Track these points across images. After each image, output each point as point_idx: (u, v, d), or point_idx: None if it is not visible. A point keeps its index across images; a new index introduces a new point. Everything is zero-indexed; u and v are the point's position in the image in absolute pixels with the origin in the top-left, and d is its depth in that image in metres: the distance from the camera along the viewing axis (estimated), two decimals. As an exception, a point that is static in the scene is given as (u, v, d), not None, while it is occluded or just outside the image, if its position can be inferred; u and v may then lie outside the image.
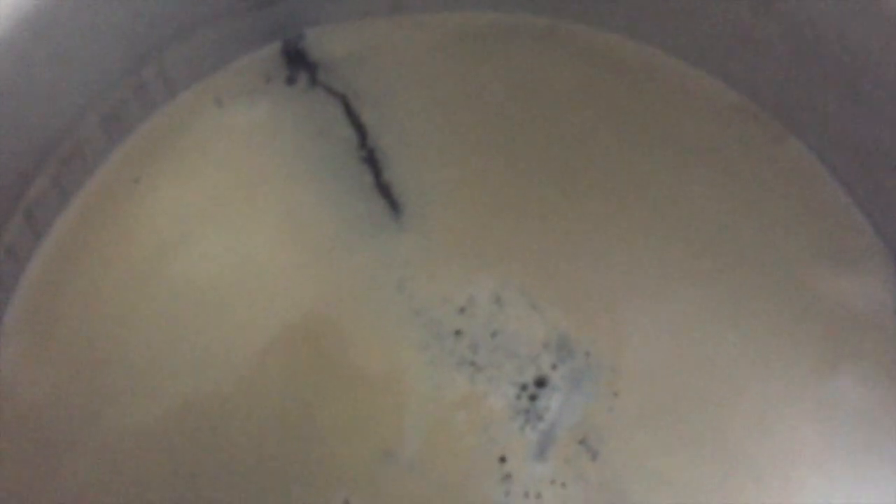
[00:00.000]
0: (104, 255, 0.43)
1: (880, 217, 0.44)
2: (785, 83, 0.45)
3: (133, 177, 0.45)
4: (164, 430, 0.39)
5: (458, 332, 0.42)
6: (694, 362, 0.41)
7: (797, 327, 0.42)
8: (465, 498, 0.38)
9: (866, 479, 0.39)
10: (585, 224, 0.44)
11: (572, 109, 0.47)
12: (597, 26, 0.48)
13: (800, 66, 0.44)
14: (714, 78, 0.48)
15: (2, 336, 0.40)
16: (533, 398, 0.40)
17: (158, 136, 0.46)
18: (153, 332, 0.41)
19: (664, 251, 0.43)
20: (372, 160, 0.45)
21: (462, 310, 0.42)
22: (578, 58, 0.48)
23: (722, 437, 0.40)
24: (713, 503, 0.38)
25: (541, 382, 0.41)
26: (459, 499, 0.38)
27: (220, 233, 0.44)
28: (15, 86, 0.37)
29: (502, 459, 0.39)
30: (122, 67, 0.42)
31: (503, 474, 0.39)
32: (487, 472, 0.39)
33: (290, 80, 0.48)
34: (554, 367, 0.41)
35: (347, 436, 0.40)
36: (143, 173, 0.45)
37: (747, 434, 0.40)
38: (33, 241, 0.42)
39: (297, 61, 0.48)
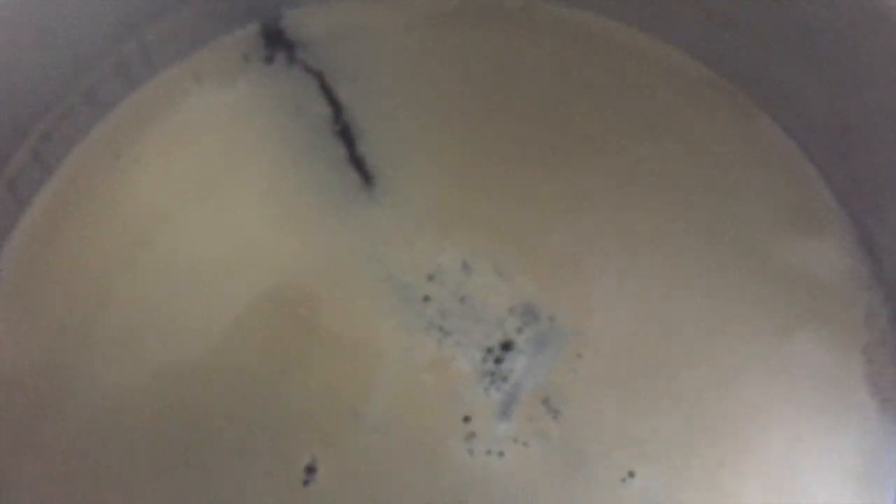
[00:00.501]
0: (86, 228, 0.44)
1: (843, 187, 0.44)
2: (754, 59, 0.46)
3: (114, 152, 0.46)
4: (143, 393, 0.41)
5: (426, 298, 0.43)
6: (657, 326, 0.42)
7: (759, 292, 0.43)
8: (430, 456, 0.40)
9: (829, 438, 0.40)
10: (553, 194, 0.45)
11: (543, 85, 0.48)
12: (568, 4, 0.49)
13: (769, 42, 0.45)
14: (685, 54, 0.48)
15: (-14, 303, 0.42)
16: (498, 361, 0.41)
17: (139, 113, 0.47)
18: (133, 302, 0.43)
19: (630, 219, 0.44)
20: (346, 135, 0.47)
21: (431, 277, 0.43)
22: (550, 35, 0.49)
23: (683, 398, 0.41)
24: (672, 461, 0.39)
25: (506, 346, 0.42)
26: (424, 457, 0.39)
27: (200, 206, 0.45)
28: (-5, 60, 0.39)
29: (466, 419, 0.40)
30: (102, 44, 0.44)
31: (467, 433, 0.40)
32: (452, 431, 0.40)
33: (269, 60, 0.49)
34: (519, 330, 0.42)
35: (318, 398, 0.41)
36: (124, 149, 0.46)
37: (709, 395, 0.41)
38: (16, 213, 0.43)
39: (276, 41, 0.49)
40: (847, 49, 0.42)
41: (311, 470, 0.39)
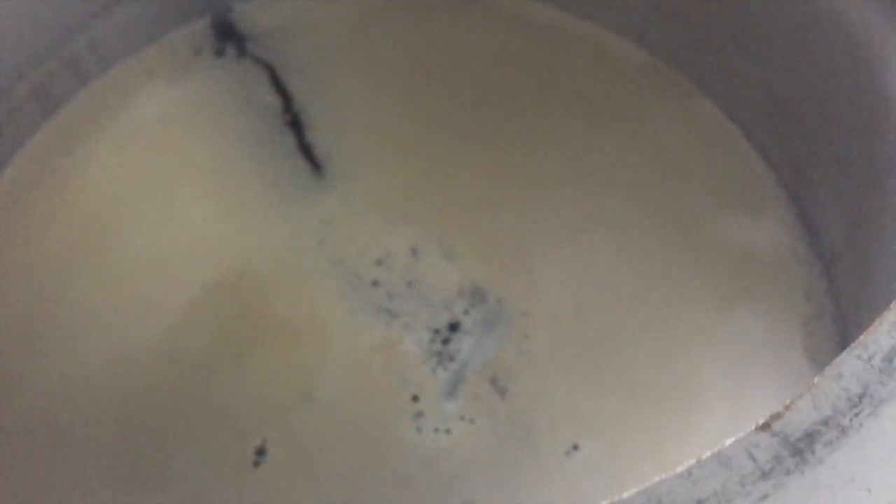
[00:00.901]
0: (41, 220, 0.45)
1: (782, 166, 0.45)
2: (696, 45, 0.47)
3: (66, 147, 0.47)
4: (97, 376, 0.41)
5: (375, 283, 0.43)
6: (601, 305, 0.43)
7: (700, 269, 0.44)
8: (379, 435, 0.40)
9: (766, 403, 0.41)
10: (500, 178, 0.46)
11: (490, 73, 0.49)
12: (513, -6, 0.51)
13: (709, 28, 0.46)
14: (627, 40, 0.50)
15: (-64, 293, 0.43)
16: (446, 342, 0.42)
17: (91, 108, 0.48)
18: (89, 288, 0.43)
19: (575, 201, 0.45)
20: (296, 124, 0.48)
21: (379, 261, 0.44)
22: (496, 25, 0.50)
23: (625, 373, 0.42)
24: (616, 434, 0.40)
25: (453, 327, 0.42)
26: (373, 436, 0.40)
27: (153, 199, 0.46)
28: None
29: (415, 398, 0.41)
30: (50, 39, 0.44)
31: (415, 412, 0.41)
32: (400, 410, 0.41)
33: (219, 53, 0.50)
34: (466, 312, 0.43)
35: (268, 381, 0.41)
36: (77, 143, 0.47)
37: (649, 369, 0.42)
38: (-32, 205, 0.44)
39: (226, 34, 0.50)
40: (783, 34, 0.43)
41: (261, 452, 0.40)
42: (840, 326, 0.42)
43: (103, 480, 0.39)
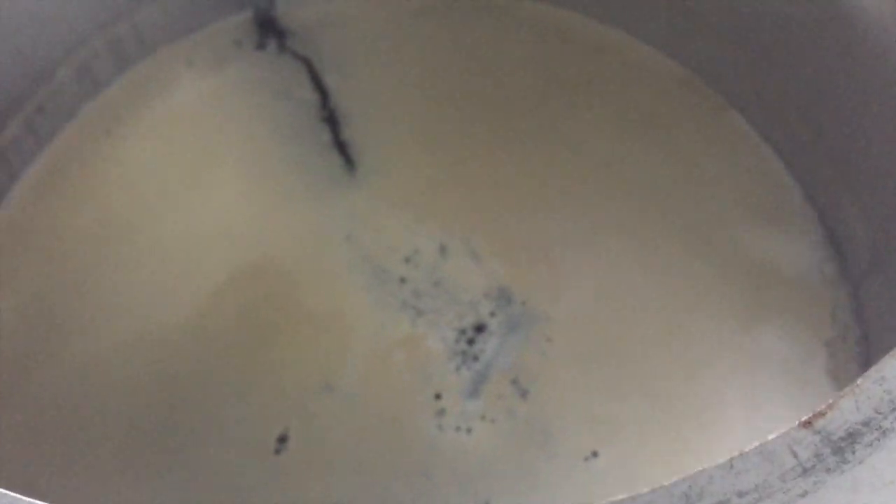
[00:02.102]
0: (75, 199, 0.46)
1: (810, 182, 0.46)
2: (729, 58, 0.48)
3: (105, 128, 0.47)
4: (121, 358, 0.42)
5: (402, 280, 0.44)
6: (625, 312, 0.43)
7: (726, 284, 0.44)
8: (400, 430, 0.40)
9: (787, 423, 0.41)
10: (529, 182, 0.46)
11: (523, 79, 0.49)
12: (550, 2, 0.51)
13: (744, 42, 0.46)
14: (660, 52, 0.50)
15: (-29, 264, 0.43)
16: (471, 342, 0.42)
17: (131, 92, 0.48)
18: (117, 271, 0.44)
19: (603, 208, 0.46)
20: (332, 120, 0.48)
21: (407, 259, 0.44)
22: (532, 32, 0.51)
23: (648, 382, 0.42)
24: (635, 443, 0.40)
25: (479, 328, 0.43)
26: (394, 431, 0.40)
27: (186, 184, 0.47)
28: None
29: (437, 396, 0.41)
30: (95, 21, 0.45)
31: (437, 409, 0.41)
32: (422, 406, 0.41)
33: (260, 46, 0.50)
34: (492, 314, 0.43)
35: (292, 370, 0.42)
36: (115, 125, 0.47)
37: (673, 380, 0.42)
38: (7, 182, 0.44)
39: (268, 28, 0.51)
40: (817, 52, 0.43)
41: (282, 439, 0.40)
42: (864, 348, 0.42)
43: (123, 464, 0.40)
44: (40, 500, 0.39)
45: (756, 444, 0.20)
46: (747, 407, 0.42)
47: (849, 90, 0.42)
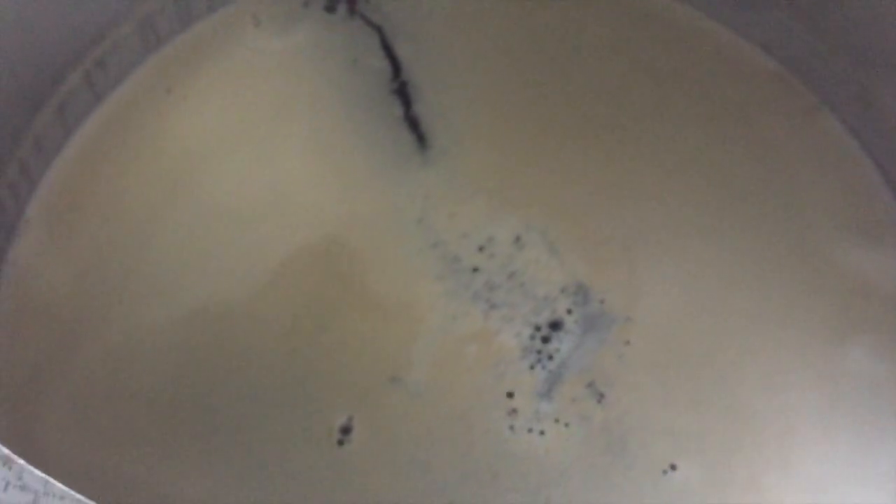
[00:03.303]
0: (131, 160, 0.43)
1: (907, 194, 0.43)
2: (823, 56, 0.45)
3: (165, 86, 0.45)
4: (177, 332, 0.40)
5: (475, 269, 0.42)
6: (707, 319, 0.41)
7: (813, 295, 0.42)
8: (470, 428, 0.38)
9: (868, 448, 0.39)
10: (611, 174, 0.44)
11: (607, 63, 0.47)
12: (640, -16, 0.48)
13: (839, 40, 0.44)
14: (752, 44, 0.47)
15: (25, 225, 0.41)
16: (546, 340, 0.40)
17: (194, 50, 0.46)
18: (173, 238, 0.42)
19: (686, 207, 0.43)
20: (403, 93, 0.45)
21: (481, 248, 0.42)
22: (620, 15, 0.48)
23: (727, 394, 0.40)
24: (716, 458, 0.38)
25: (555, 325, 0.41)
26: (464, 428, 0.38)
27: (247, 150, 0.44)
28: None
29: (509, 395, 0.39)
30: (163, -26, 0.42)
31: (509, 409, 0.39)
32: (494, 405, 0.39)
33: (330, 8, 0.47)
34: (569, 311, 0.41)
35: (356, 357, 0.40)
36: (176, 84, 0.45)
37: (752, 393, 0.40)
38: (63, 137, 0.42)
39: (338, -10, 0.48)
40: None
41: (346, 430, 0.38)
42: (955, 372, 0.41)
43: (171, 449, 0.38)
44: (80, 479, 0.37)
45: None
46: (830, 426, 0.40)
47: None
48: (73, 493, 0.23)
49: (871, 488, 0.39)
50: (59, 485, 0.23)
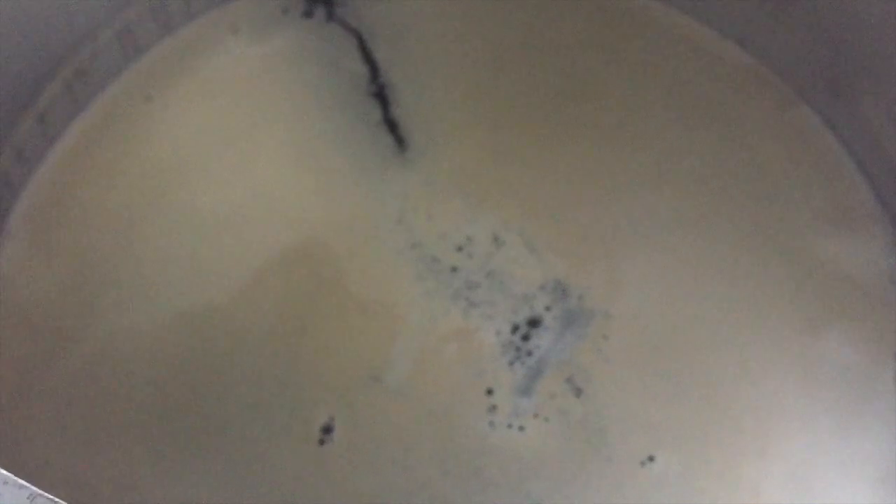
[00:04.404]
0: (113, 167, 0.44)
1: (883, 184, 0.44)
2: (797, 50, 0.45)
3: (146, 94, 0.45)
4: (159, 337, 0.40)
5: (454, 269, 0.42)
6: (685, 312, 0.42)
7: (791, 285, 0.42)
8: (450, 426, 0.39)
9: (854, 439, 0.40)
10: (589, 171, 0.44)
11: (584, 60, 0.47)
12: (615, -19, 0.49)
13: (812, 33, 0.44)
14: (728, 40, 0.48)
15: (7, 234, 0.41)
16: (525, 337, 0.41)
17: (174, 58, 0.46)
18: (154, 244, 0.42)
19: (665, 202, 0.44)
20: (381, 96, 0.46)
21: (460, 248, 0.42)
22: (596, 13, 0.48)
23: (704, 386, 0.40)
24: (693, 449, 0.39)
25: (534, 322, 0.41)
26: (444, 426, 0.39)
27: (228, 156, 0.45)
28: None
29: (489, 392, 0.39)
30: (141, -17, 0.43)
31: (489, 406, 0.39)
32: (473, 402, 0.39)
33: (307, 14, 0.48)
34: (548, 308, 0.41)
35: (336, 357, 0.40)
36: (156, 92, 0.45)
37: (729, 384, 0.40)
38: (44, 146, 0.42)
39: (316, -5, 0.48)
40: (889, 47, 0.41)
41: (327, 430, 0.38)
42: (933, 360, 0.41)
43: (154, 451, 0.38)
44: (65, 485, 0.37)
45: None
46: (809, 418, 0.40)
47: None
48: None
49: (849, 476, 0.39)
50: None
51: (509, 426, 0.39)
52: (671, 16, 0.48)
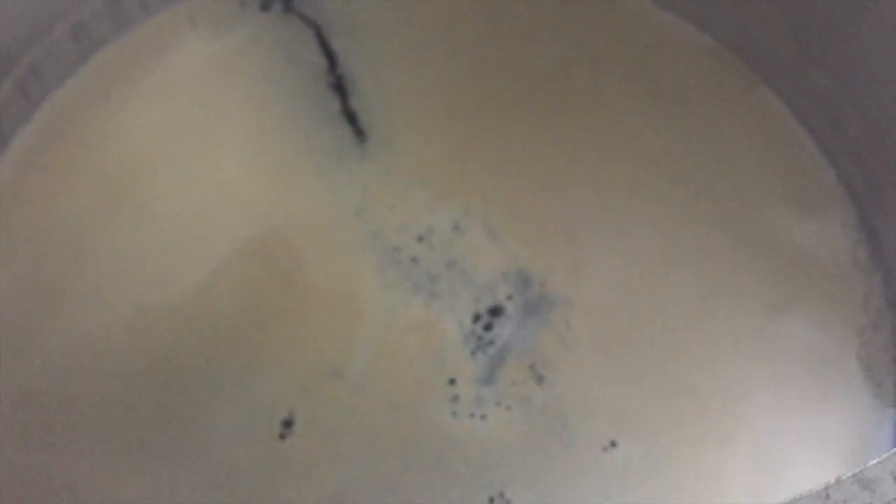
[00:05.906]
0: (69, 166, 0.43)
1: (845, 165, 0.44)
2: (758, 32, 0.45)
3: (102, 92, 0.45)
4: (118, 335, 0.40)
5: (414, 259, 0.42)
6: (647, 297, 0.41)
7: (753, 267, 0.42)
8: (412, 417, 0.39)
9: (818, 418, 0.39)
10: (549, 158, 0.44)
11: (543, 47, 0.47)
12: (573, -33, 0.48)
13: (774, 16, 0.44)
14: (689, 23, 0.47)
15: (-40, 235, 0.41)
16: (487, 327, 0.40)
17: (131, 53, 0.46)
18: (112, 242, 0.42)
19: (626, 188, 0.43)
20: (340, 87, 0.46)
21: (420, 238, 0.42)
22: (555, 1, 0.48)
23: (667, 370, 0.40)
24: (656, 433, 0.39)
25: (496, 311, 0.41)
26: (406, 417, 0.39)
27: (187, 152, 0.44)
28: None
29: (451, 381, 0.39)
30: (94, -22, 0.43)
31: (451, 396, 0.39)
32: (436, 392, 0.39)
33: (265, 7, 0.48)
34: (510, 297, 0.41)
35: (297, 352, 0.40)
36: (113, 88, 0.45)
37: (692, 368, 0.40)
38: (-2, 145, 0.42)
39: (273, -12, 0.48)
40: (854, 25, 0.41)
41: (288, 424, 0.38)
42: (896, 338, 0.41)
43: (117, 449, 0.38)
44: (24, 486, 0.37)
45: (854, 471, 0.18)
46: (773, 399, 0.40)
47: (891, 70, 0.40)
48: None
49: (815, 455, 0.39)
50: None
51: (472, 415, 0.39)
52: (633, 1, 0.48)
